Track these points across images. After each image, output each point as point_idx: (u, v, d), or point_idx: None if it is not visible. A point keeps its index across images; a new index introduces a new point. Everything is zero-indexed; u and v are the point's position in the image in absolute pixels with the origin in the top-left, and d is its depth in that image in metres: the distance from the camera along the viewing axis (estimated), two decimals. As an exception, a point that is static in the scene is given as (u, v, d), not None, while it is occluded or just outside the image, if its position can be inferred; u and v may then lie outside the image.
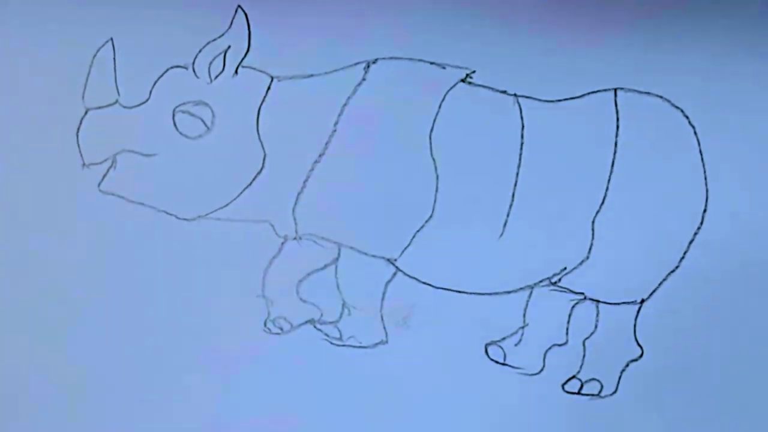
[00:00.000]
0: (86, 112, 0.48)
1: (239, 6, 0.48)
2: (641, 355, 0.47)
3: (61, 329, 0.47)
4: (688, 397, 0.46)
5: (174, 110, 0.47)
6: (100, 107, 0.47)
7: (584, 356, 0.47)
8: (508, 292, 0.47)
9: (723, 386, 0.47)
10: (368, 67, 0.48)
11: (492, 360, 0.47)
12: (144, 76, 0.47)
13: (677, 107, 0.48)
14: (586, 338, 0.48)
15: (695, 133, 0.48)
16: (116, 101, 0.48)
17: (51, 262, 0.47)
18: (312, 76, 0.48)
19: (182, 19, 0.48)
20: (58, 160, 0.47)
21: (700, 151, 0.48)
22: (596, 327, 0.48)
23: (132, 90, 0.47)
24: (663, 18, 0.48)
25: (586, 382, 0.47)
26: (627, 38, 0.48)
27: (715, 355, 0.47)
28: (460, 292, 0.47)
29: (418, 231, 0.47)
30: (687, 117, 0.48)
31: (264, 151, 0.48)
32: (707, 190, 0.48)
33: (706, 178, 0.48)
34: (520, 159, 0.48)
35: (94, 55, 0.48)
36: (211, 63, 0.47)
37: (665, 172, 0.48)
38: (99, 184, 0.47)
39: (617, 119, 0.48)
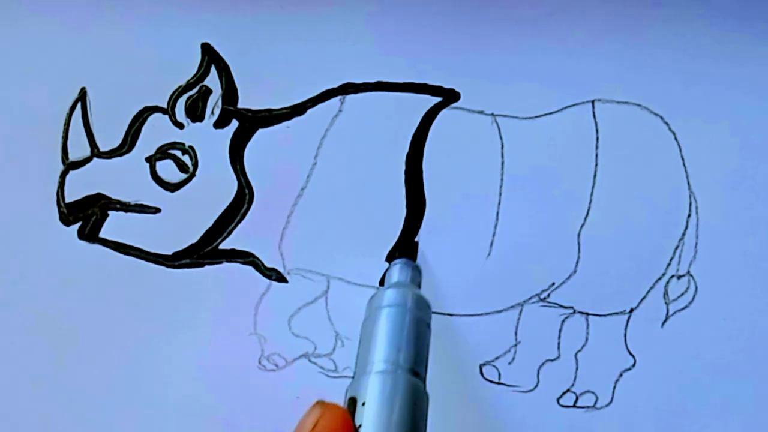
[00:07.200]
0: (66, 166, 0.48)
1: (212, 47, 0.48)
2: (634, 364, 0.48)
3: (53, 384, 0.47)
4: (686, 403, 0.47)
5: (153, 156, 0.47)
6: (78, 159, 0.47)
7: (577, 369, 0.48)
8: (499, 312, 0.48)
9: (720, 390, 0.47)
10: (344, 97, 0.48)
11: (487, 380, 0.48)
12: (121, 124, 0.47)
13: (656, 114, 0.48)
14: (578, 351, 0.48)
15: (676, 138, 0.48)
16: (95, 152, 0.47)
17: (40, 320, 0.47)
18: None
19: (157, 63, 0.48)
20: (40, 215, 0.47)
21: (682, 157, 0.48)
22: (587, 339, 0.48)
23: (110, 139, 0.47)
24: (635, 27, 0.48)
25: (581, 394, 0.48)
26: (601, 49, 0.48)
27: (710, 359, 0.47)
28: (451, 315, 0.48)
29: (405, 257, 0.48)
30: (666, 123, 0.48)
31: (246, 190, 0.48)
32: (691, 195, 0.48)
33: (689, 183, 0.48)
34: (501, 178, 0.48)
35: (70, 109, 0.48)
36: (187, 105, 0.47)
37: (647, 179, 0.48)
38: (84, 237, 0.47)
39: (596, 131, 0.48)
